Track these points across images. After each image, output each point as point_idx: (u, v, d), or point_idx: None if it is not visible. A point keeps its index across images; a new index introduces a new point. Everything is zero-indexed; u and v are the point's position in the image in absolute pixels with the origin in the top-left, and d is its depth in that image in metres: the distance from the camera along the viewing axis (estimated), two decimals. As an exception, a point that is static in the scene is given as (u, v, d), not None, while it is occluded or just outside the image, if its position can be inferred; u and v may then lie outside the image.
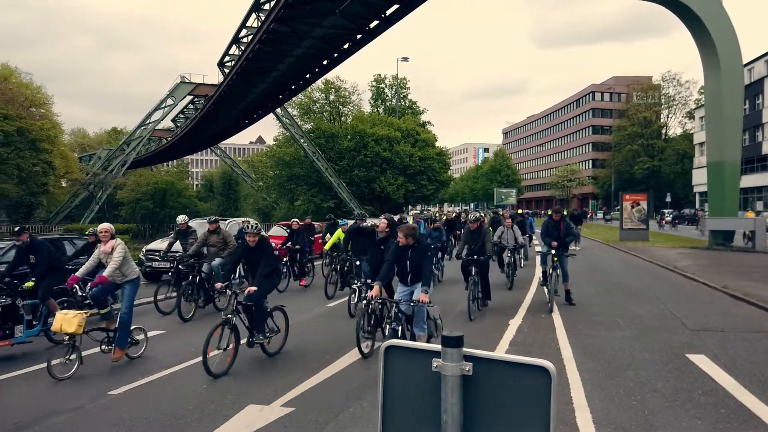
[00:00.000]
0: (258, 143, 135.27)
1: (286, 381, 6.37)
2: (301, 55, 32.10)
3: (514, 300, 11.69)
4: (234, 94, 39.07)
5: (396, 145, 51.87)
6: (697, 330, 8.74)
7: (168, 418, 5.33)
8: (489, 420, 1.70)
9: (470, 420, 1.72)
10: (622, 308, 10.66)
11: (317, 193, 51.84)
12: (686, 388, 5.99)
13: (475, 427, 1.72)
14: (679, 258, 19.55)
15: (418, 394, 1.80)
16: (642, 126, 77.06)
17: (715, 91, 24.05)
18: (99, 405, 5.73)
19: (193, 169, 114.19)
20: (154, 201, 61.40)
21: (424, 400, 1.79)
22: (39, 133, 31.74)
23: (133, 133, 47.00)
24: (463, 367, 1.71)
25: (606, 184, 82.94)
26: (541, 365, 1.65)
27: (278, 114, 48.64)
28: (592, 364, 6.92)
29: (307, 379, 6.43)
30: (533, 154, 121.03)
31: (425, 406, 1.78)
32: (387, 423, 1.85)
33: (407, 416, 1.82)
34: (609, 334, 8.52)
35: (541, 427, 1.64)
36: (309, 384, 6.30)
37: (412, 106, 64.45)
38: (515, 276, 13.82)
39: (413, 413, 1.81)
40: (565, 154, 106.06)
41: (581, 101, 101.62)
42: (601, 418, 5.14)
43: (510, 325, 9.23)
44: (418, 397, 1.80)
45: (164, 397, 5.98)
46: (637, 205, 29.34)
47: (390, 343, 1.88)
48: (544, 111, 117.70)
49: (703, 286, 13.51)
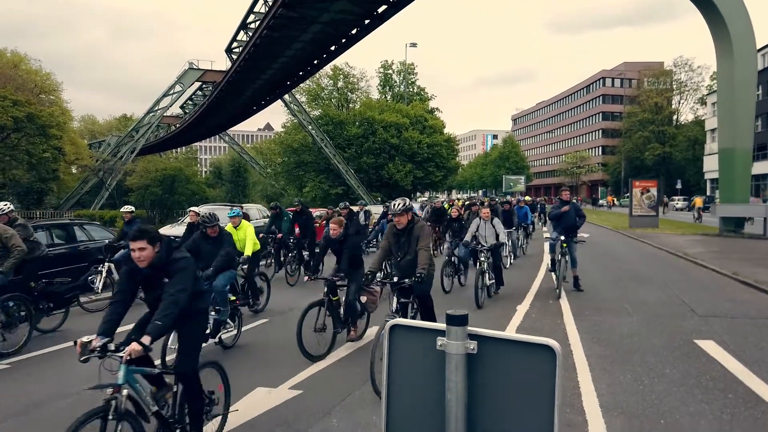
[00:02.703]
0: (266, 130, 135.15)
1: (293, 366, 6.41)
2: (309, 41, 31.90)
3: (522, 286, 11.67)
4: (242, 81, 38.95)
5: (404, 132, 51.65)
6: (706, 316, 8.69)
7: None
8: (494, 398, 1.70)
9: (474, 398, 1.72)
10: (630, 294, 10.62)
11: (325, 180, 51.83)
12: (694, 373, 5.97)
13: (480, 405, 1.72)
14: (689, 245, 19.41)
15: (423, 372, 1.80)
16: (653, 112, 76.20)
17: (727, 76, 23.69)
18: (109, 387, 5.81)
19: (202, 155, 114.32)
20: (164, 187, 61.58)
21: (428, 378, 1.79)
22: (49, 119, 31.79)
23: (142, 119, 47.02)
24: (468, 346, 1.70)
25: (616, 170, 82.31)
26: (546, 344, 1.64)
27: (286, 100, 48.50)
28: (599, 349, 6.90)
29: (313, 364, 6.47)
30: (542, 140, 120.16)
31: (429, 384, 1.78)
32: (391, 401, 1.85)
33: (411, 394, 1.82)
34: (617, 320, 8.49)
35: (546, 406, 1.63)
36: (315, 369, 6.34)
37: (420, 92, 64.06)
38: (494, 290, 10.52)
39: (417, 391, 1.81)
40: (574, 141, 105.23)
41: (591, 87, 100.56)
42: (608, 403, 5.14)
43: (517, 311, 9.23)
44: (423, 376, 1.80)
45: (173, 379, 6.04)
46: (647, 191, 29.10)
47: (394, 322, 1.87)
48: (553, 97, 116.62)
49: (712, 273, 13.42)
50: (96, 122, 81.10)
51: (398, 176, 51.48)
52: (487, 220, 10.60)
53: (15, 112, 29.04)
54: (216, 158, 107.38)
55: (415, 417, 1.82)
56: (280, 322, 8.77)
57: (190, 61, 44.61)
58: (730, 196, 23.76)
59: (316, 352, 6.60)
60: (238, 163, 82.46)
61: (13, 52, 39.00)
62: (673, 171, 72.63)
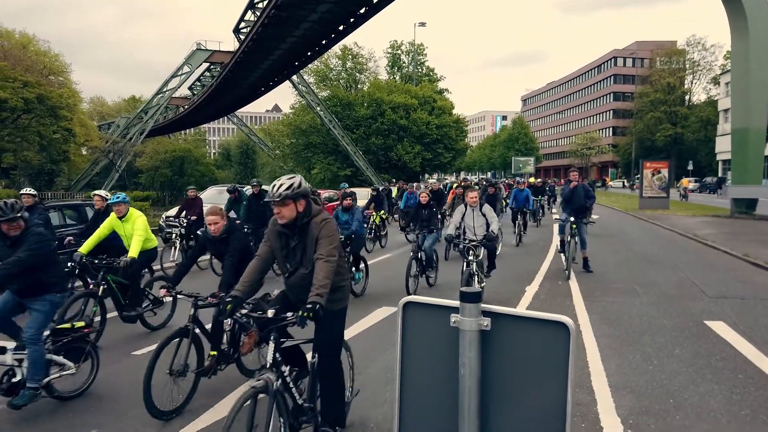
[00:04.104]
0: (274, 111, 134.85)
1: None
2: (317, 21, 31.64)
3: (531, 267, 11.66)
4: (250, 61, 38.78)
5: (413, 113, 51.38)
6: (716, 297, 8.67)
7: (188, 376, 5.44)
8: (507, 374, 1.71)
9: (488, 374, 1.73)
10: (640, 276, 10.59)
11: (334, 162, 51.79)
12: (704, 354, 5.97)
13: (493, 380, 1.73)
14: (699, 226, 19.28)
15: (436, 348, 1.82)
16: (665, 92, 75.19)
17: (742, 55, 23.30)
18: (122, 364, 5.90)
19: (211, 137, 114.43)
20: (173, 169, 61.81)
21: (441, 354, 1.80)
22: (59, 100, 31.85)
23: (151, 101, 47.03)
24: (482, 322, 1.71)
25: (626, 152, 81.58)
26: (560, 320, 1.65)
27: (294, 81, 48.28)
28: (608, 330, 6.91)
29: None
30: (552, 121, 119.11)
31: (443, 360, 1.80)
32: (405, 376, 1.87)
33: (425, 370, 1.84)
34: (626, 301, 8.49)
35: (559, 382, 1.64)
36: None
37: (429, 73, 63.55)
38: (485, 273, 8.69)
39: (431, 367, 1.83)
40: (585, 122, 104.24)
41: (603, 67, 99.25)
42: (617, 382, 5.16)
43: (526, 292, 9.24)
44: (436, 352, 1.82)
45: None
46: (658, 173, 28.86)
47: (408, 299, 1.89)
48: (564, 78, 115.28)
49: (723, 254, 13.35)
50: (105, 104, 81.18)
51: (407, 158, 51.34)
52: (475, 207, 8.60)
53: (25, 94, 29.11)
54: (224, 140, 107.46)
55: (429, 391, 1.84)
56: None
57: (198, 42, 44.48)
58: (742, 177, 23.52)
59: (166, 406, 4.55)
60: (247, 145, 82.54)
61: (21, 33, 38.99)
62: (684, 152, 71.90)
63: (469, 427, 1.71)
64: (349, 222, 9.30)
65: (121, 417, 4.59)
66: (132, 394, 4.98)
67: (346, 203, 9.55)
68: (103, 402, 4.91)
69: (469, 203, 8.71)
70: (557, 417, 1.65)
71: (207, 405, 4.80)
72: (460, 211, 8.77)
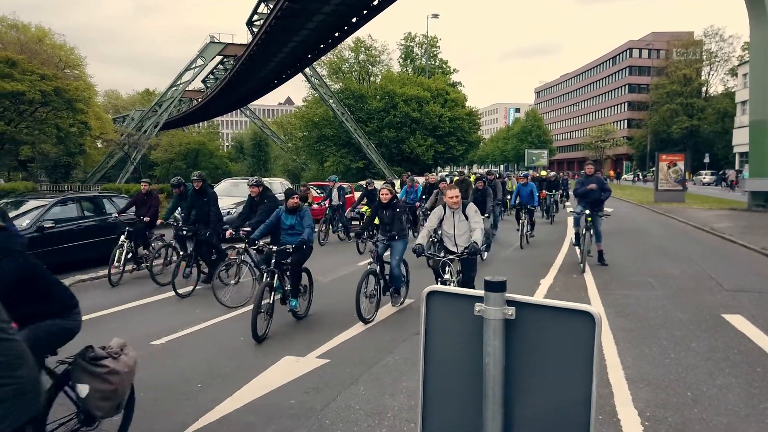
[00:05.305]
0: (287, 104, 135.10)
1: (320, 335, 6.53)
2: (330, 12, 31.58)
3: (545, 260, 11.63)
4: (263, 54, 38.84)
5: (425, 106, 51.17)
6: (733, 291, 8.59)
7: (207, 366, 5.54)
8: (532, 362, 1.73)
9: (512, 363, 1.75)
10: (655, 269, 10.52)
11: (346, 154, 51.78)
12: (721, 347, 5.94)
13: (517, 369, 1.75)
14: (716, 219, 19.08)
15: (460, 337, 1.83)
16: (681, 84, 74.25)
17: (760, 45, 22.91)
18: (143, 353, 5.97)
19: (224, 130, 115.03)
20: (187, 161, 62.33)
21: (465, 343, 1.82)
22: (75, 93, 32.16)
23: (165, 94, 47.35)
24: (506, 311, 1.72)
25: (642, 144, 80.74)
26: (586, 310, 1.65)
27: (307, 74, 48.29)
28: (624, 323, 6.89)
29: (340, 334, 6.58)
30: (566, 114, 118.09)
31: (466, 348, 1.81)
32: (428, 365, 1.89)
33: (448, 359, 1.86)
34: (642, 294, 8.45)
35: (584, 372, 1.65)
36: (342, 338, 6.45)
37: (442, 65, 63.21)
38: None
39: (454, 356, 1.85)
40: (599, 114, 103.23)
41: (618, 58, 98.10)
42: (633, 375, 5.15)
43: (541, 285, 9.22)
44: (460, 341, 1.83)
45: (203, 348, 6.21)
46: (674, 165, 28.55)
47: (431, 288, 1.91)
48: (578, 69, 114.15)
49: (741, 248, 13.21)
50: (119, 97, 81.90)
51: (419, 150, 51.20)
52: (456, 210, 6.60)
53: (43, 86, 29.41)
54: (237, 133, 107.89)
55: (452, 379, 1.86)
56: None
57: (212, 35, 44.66)
58: (760, 170, 23.20)
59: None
60: (260, 138, 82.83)
61: (37, 26, 39.38)
62: (700, 145, 70.97)
63: (493, 415, 1.73)
64: (296, 228, 7.20)
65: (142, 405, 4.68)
66: (153, 383, 5.07)
67: (291, 202, 7.22)
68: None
69: (449, 205, 6.61)
70: (582, 407, 1.66)
71: (217, 398, 4.87)
72: (437, 214, 6.72)
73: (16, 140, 31.72)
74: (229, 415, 4.46)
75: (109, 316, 7.63)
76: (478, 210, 6.64)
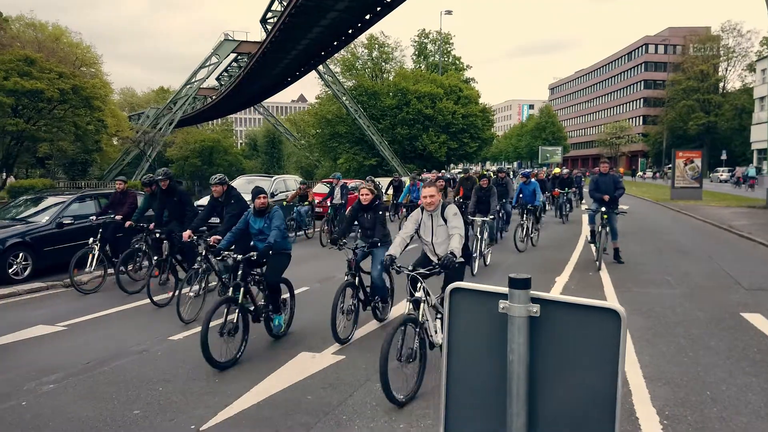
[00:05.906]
0: (300, 101, 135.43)
1: (336, 331, 6.55)
2: (344, 9, 31.61)
3: (561, 258, 11.57)
4: (276, 51, 38.96)
5: (438, 102, 51.00)
6: (753, 289, 8.49)
7: (226, 362, 5.57)
8: (557, 359, 1.73)
9: (536, 360, 1.75)
10: (672, 267, 10.43)
11: (359, 152, 51.79)
12: (741, 346, 5.88)
13: (541, 366, 1.75)
14: (734, 217, 18.85)
15: (484, 334, 1.84)
16: (698, 80, 73.30)
17: (781, 40, 22.57)
18: (161, 348, 6.07)
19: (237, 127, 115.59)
20: (202, 158, 62.74)
21: (488, 340, 1.83)
22: (92, 91, 32.52)
23: (179, 91, 47.66)
24: (531, 309, 1.73)
25: (657, 141, 79.87)
26: (612, 308, 1.65)
27: (320, 71, 48.36)
28: (641, 321, 6.84)
29: (356, 331, 6.59)
30: (581, 110, 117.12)
31: (490, 346, 1.82)
32: (451, 362, 1.90)
33: (472, 355, 1.87)
34: (659, 292, 8.38)
35: (609, 370, 1.66)
36: (357, 335, 6.47)
37: (455, 62, 62.96)
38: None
39: (478, 352, 1.86)
40: (614, 111, 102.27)
41: (633, 54, 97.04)
42: (651, 373, 5.12)
43: (556, 282, 9.18)
44: (484, 338, 1.84)
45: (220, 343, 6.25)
46: (691, 162, 28.24)
47: (455, 285, 1.91)
48: (593, 65, 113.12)
49: (760, 246, 13.04)
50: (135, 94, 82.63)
51: (432, 147, 51.07)
52: (434, 213, 5.50)
53: (61, 84, 29.77)
54: (251, 130, 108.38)
55: (475, 376, 1.87)
56: (320, 290, 8.93)
57: (226, 33, 44.84)
58: (779, 167, 22.88)
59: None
60: (273, 135, 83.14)
61: (54, 25, 39.91)
62: (717, 141, 70.12)
63: (517, 412, 1.74)
64: (264, 232, 6.34)
65: (161, 399, 4.73)
66: (172, 377, 5.14)
67: (257, 203, 6.34)
68: (143, 385, 5.05)
69: (426, 207, 5.50)
70: (607, 405, 1.66)
71: (229, 393, 4.91)
72: (414, 218, 5.65)
73: (34, 138, 32.14)
74: (248, 409, 4.51)
75: (119, 314, 7.72)
76: (458, 213, 5.42)
